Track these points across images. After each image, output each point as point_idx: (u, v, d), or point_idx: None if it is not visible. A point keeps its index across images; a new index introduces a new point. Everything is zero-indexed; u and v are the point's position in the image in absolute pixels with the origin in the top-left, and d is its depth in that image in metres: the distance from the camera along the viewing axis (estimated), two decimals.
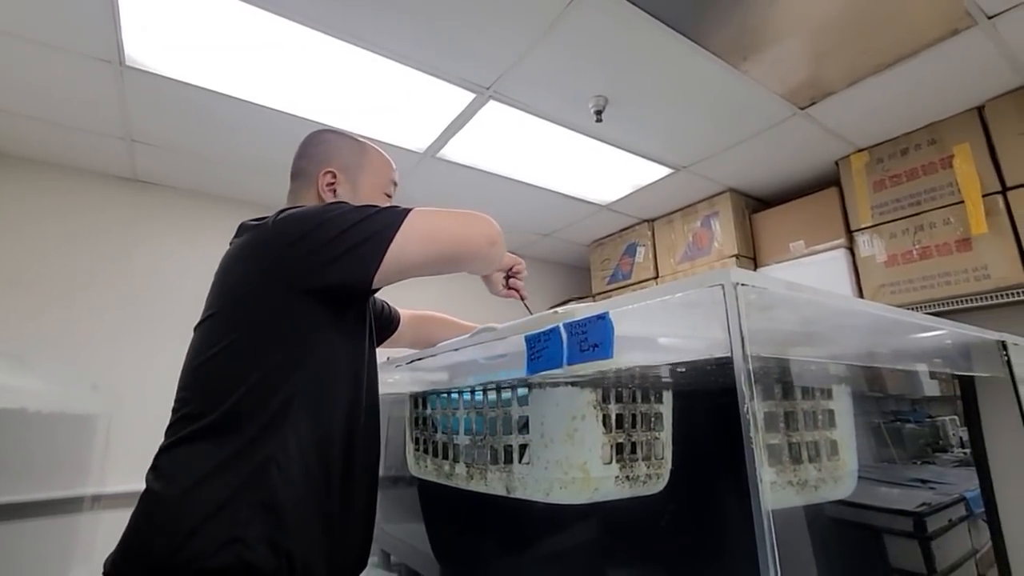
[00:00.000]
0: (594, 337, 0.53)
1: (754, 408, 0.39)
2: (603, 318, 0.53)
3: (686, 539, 0.69)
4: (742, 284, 0.41)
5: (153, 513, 0.71)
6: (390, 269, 0.77)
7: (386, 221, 0.78)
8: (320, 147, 1.03)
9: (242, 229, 0.91)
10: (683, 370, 0.69)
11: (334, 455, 0.79)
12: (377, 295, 0.94)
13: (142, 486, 0.74)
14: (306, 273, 0.76)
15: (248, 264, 0.82)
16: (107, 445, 2.00)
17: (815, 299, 0.49)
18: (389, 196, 1.06)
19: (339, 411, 0.81)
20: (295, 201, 0.99)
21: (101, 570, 0.71)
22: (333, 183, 0.99)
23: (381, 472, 0.92)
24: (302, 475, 0.74)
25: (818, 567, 0.88)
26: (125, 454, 2.06)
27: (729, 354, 0.40)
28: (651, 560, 0.75)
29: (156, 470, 0.76)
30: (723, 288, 0.41)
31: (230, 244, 0.92)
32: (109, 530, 1.92)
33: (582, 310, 0.59)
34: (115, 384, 2.10)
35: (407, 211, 0.80)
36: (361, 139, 1.07)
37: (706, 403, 0.69)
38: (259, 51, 1.62)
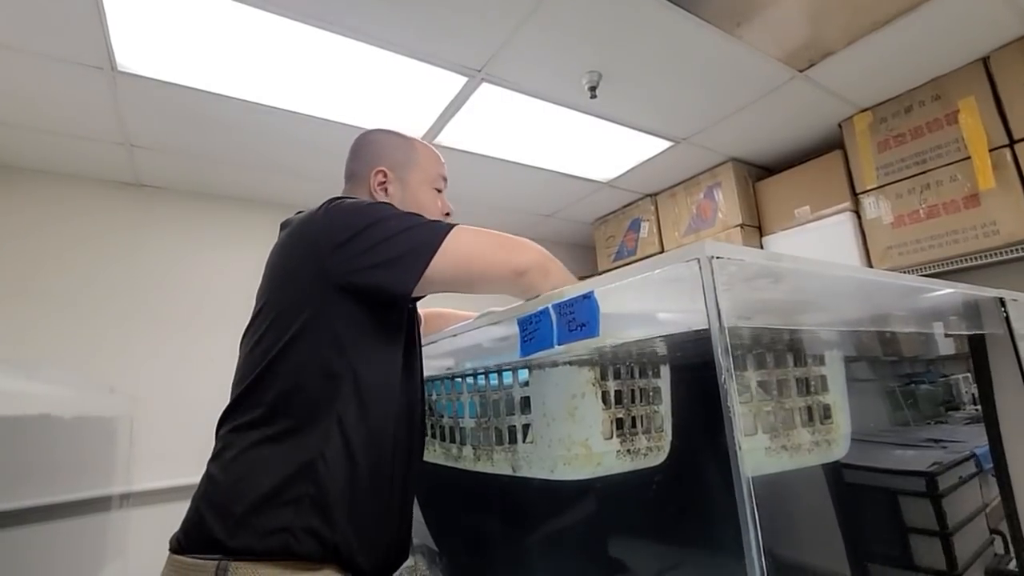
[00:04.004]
0: (581, 316, 0.54)
1: (732, 379, 0.40)
2: (589, 297, 0.54)
3: (687, 506, 0.71)
4: (717, 257, 0.41)
5: (211, 498, 0.75)
6: (426, 283, 0.79)
7: (429, 236, 0.80)
8: (370, 147, 1.06)
9: (287, 223, 0.93)
10: (675, 344, 0.70)
11: (383, 450, 0.81)
12: None
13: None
14: (350, 271, 0.78)
15: (296, 258, 0.84)
16: (131, 445, 2.06)
17: (796, 267, 0.49)
18: (439, 191, 1.07)
19: (386, 407, 0.82)
20: None
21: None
22: (384, 182, 1.01)
23: None
24: (350, 469, 0.76)
25: (837, 528, 0.89)
26: (150, 452, 2.13)
27: (707, 327, 0.41)
28: (654, 528, 0.77)
29: (215, 456, 0.80)
30: (699, 262, 0.42)
31: (279, 236, 0.94)
32: (139, 527, 2.00)
33: (570, 290, 0.59)
34: (132, 385, 2.16)
35: (450, 228, 0.82)
36: (410, 136, 1.09)
37: (701, 375, 0.70)
38: (250, 49, 1.62)
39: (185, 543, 0.74)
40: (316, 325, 0.79)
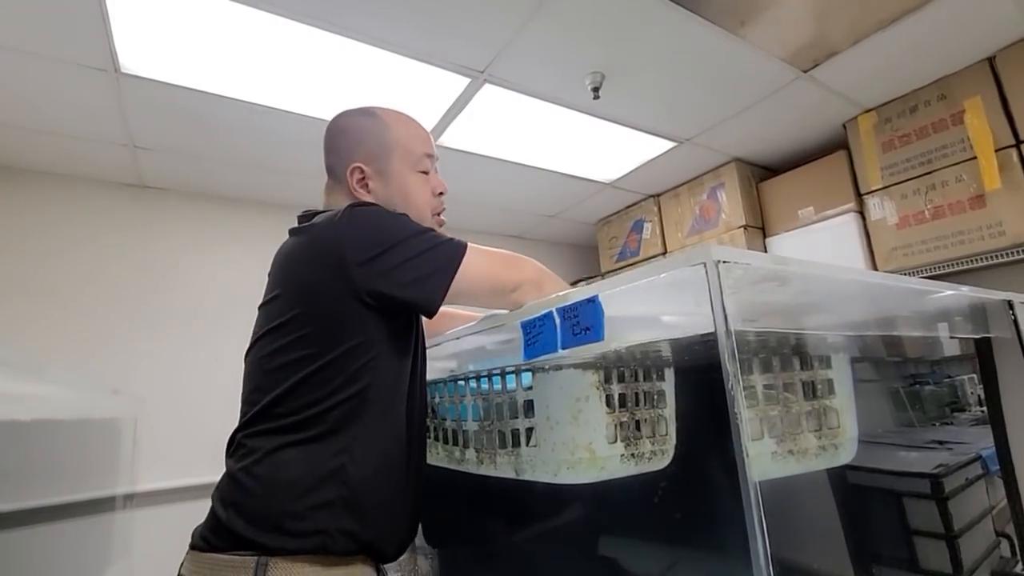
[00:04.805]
0: (586, 320, 0.53)
1: (739, 384, 0.39)
2: (593, 301, 0.53)
3: (691, 511, 0.70)
4: (724, 261, 0.41)
5: (238, 499, 0.75)
6: (447, 299, 0.82)
7: (449, 256, 0.83)
8: (341, 139, 0.98)
9: (302, 230, 0.89)
10: (680, 347, 0.69)
11: (400, 449, 0.83)
12: None
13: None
14: (380, 286, 0.79)
15: (317, 269, 0.82)
16: (135, 445, 2.06)
17: (802, 271, 0.49)
18: (425, 172, 0.98)
19: (401, 408, 0.84)
20: (332, 199, 0.97)
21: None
22: (363, 179, 0.94)
23: None
24: (376, 470, 0.78)
25: (842, 530, 0.89)
26: (154, 453, 2.13)
27: (713, 331, 0.41)
28: (658, 532, 0.77)
29: (239, 458, 0.79)
30: (705, 266, 0.42)
31: (289, 237, 0.92)
32: (144, 527, 2.01)
33: (574, 294, 0.59)
34: (135, 387, 2.16)
35: (463, 247, 0.85)
36: (382, 112, 0.99)
37: (706, 378, 0.69)
38: (253, 50, 1.62)
39: (215, 541, 0.74)
40: (352, 340, 0.79)
